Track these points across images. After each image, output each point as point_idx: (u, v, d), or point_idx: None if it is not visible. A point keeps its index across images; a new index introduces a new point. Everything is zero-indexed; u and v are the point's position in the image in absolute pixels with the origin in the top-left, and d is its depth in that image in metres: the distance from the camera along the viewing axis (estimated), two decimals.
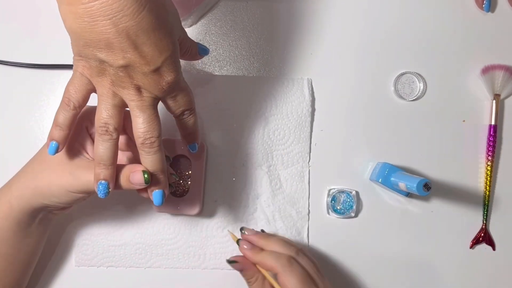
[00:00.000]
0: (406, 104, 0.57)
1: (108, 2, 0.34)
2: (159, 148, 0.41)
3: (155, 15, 0.36)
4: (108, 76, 0.38)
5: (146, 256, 0.55)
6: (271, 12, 0.57)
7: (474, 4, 0.58)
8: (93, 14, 0.34)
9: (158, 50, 0.37)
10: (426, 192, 0.47)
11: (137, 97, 0.39)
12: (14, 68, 0.56)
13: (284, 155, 0.55)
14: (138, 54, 0.36)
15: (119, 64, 0.37)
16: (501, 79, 0.56)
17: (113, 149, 0.40)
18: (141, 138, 0.40)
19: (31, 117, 0.56)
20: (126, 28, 0.35)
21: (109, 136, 0.40)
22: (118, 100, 0.40)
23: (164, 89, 0.39)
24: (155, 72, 0.38)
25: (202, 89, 0.56)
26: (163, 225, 0.55)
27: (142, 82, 0.38)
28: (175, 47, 0.39)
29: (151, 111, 0.40)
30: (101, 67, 0.38)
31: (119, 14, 0.34)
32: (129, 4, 0.34)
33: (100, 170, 0.40)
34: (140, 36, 0.36)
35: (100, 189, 0.41)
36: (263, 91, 0.56)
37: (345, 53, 0.57)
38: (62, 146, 0.42)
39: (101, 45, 0.36)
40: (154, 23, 0.36)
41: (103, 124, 0.40)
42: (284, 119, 0.56)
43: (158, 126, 0.40)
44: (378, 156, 0.57)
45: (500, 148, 0.58)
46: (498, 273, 0.57)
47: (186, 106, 0.43)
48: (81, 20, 0.35)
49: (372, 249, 0.57)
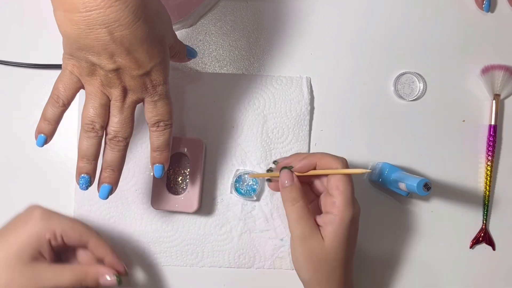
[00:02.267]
0: (406, 104, 0.57)
1: (105, 12, 0.34)
2: (124, 148, 0.43)
3: (149, 25, 0.37)
4: (98, 76, 0.40)
5: (144, 254, 0.55)
6: (271, 12, 0.57)
7: (474, 4, 0.58)
8: (90, 23, 0.35)
9: (149, 56, 0.39)
10: (426, 192, 0.47)
11: (120, 97, 0.41)
12: (14, 68, 0.56)
13: (282, 154, 0.55)
14: (129, 60, 0.38)
15: (110, 68, 0.38)
16: (501, 79, 0.56)
17: (97, 146, 0.43)
18: (111, 135, 0.42)
19: (31, 117, 0.56)
20: (121, 37, 0.36)
21: (95, 133, 0.42)
22: (106, 99, 0.41)
23: (148, 89, 0.41)
24: (143, 75, 0.40)
25: (201, 87, 0.56)
26: (161, 223, 0.55)
27: (129, 83, 0.40)
28: (165, 54, 0.41)
29: (128, 114, 0.42)
30: (91, 68, 0.39)
31: (115, 24, 0.35)
32: (125, 15, 0.35)
33: (83, 165, 0.43)
34: (133, 44, 0.37)
35: (82, 182, 0.43)
36: (261, 89, 0.56)
37: (345, 53, 0.57)
38: (50, 139, 0.43)
39: (94, 50, 0.37)
40: (147, 33, 0.37)
41: (90, 121, 0.42)
42: (282, 118, 0.56)
43: (130, 129, 0.43)
44: (378, 156, 0.57)
45: (500, 148, 0.58)
46: (498, 273, 0.57)
47: (163, 117, 0.44)
48: (77, 27, 0.36)
49: (372, 249, 0.57)
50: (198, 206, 0.53)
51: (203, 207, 0.55)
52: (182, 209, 0.53)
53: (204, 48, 0.57)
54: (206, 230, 0.55)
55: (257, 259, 0.55)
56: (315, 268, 0.45)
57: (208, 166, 0.56)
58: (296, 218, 0.45)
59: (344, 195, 0.44)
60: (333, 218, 0.44)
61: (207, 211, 0.55)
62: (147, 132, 0.54)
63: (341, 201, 0.44)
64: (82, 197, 0.55)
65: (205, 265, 0.55)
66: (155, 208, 0.53)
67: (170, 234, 0.55)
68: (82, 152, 0.42)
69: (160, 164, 0.46)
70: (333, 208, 0.44)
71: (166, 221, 0.55)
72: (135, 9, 0.35)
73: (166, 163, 0.46)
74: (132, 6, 0.35)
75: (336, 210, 0.44)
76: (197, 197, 0.53)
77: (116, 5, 0.34)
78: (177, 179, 0.55)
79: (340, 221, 0.44)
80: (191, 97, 0.56)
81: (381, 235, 0.57)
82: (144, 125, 0.53)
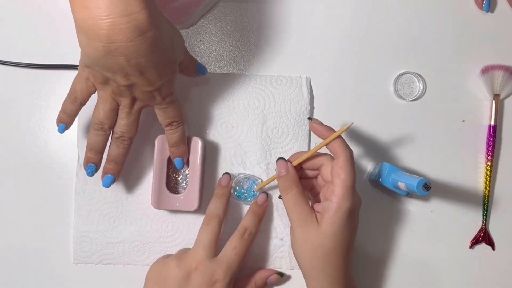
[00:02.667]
0: (406, 104, 0.57)
1: (126, 45, 0.38)
2: (128, 145, 0.49)
3: (163, 52, 0.41)
4: (110, 87, 0.45)
5: (145, 254, 0.55)
6: (271, 12, 0.57)
7: (474, 4, 0.58)
8: (110, 51, 0.38)
9: (159, 76, 0.43)
10: (426, 192, 0.47)
11: (129, 105, 0.46)
12: (14, 68, 0.56)
13: (282, 153, 0.55)
14: (142, 79, 0.42)
15: (123, 83, 0.43)
16: (500, 79, 0.56)
17: (104, 141, 0.49)
18: (118, 135, 0.48)
19: (31, 117, 0.56)
20: (137, 63, 0.40)
21: (103, 132, 0.48)
22: (115, 105, 0.47)
23: (157, 100, 0.46)
24: (153, 91, 0.44)
25: (200, 87, 0.56)
26: (162, 222, 0.55)
27: (139, 96, 0.45)
28: (175, 72, 0.45)
29: (134, 118, 0.48)
30: (105, 79, 0.43)
31: (133, 54, 0.39)
32: (143, 47, 0.39)
33: (91, 155, 0.49)
34: (147, 67, 0.41)
35: (89, 170, 0.49)
36: (261, 89, 0.56)
37: (345, 53, 0.57)
38: (68, 128, 0.49)
39: (111, 70, 0.41)
40: (161, 58, 0.42)
41: (99, 122, 0.47)
42: (282, 117, 0.56)
43: (135, 131, 0.49)
44: (378, 156, 0.57)
45: (499, 148, 0.58)
46: (498, 273, 0.57)
47: (174, 118, 0.49)
48: (97, 51, 0.39)
49: (371, 249, 0.57)
50: (198, 204, 0.53)
51: (204, 207, 0.55)
52: (183, 208, 0.53)
53: (204, 48, 0.57)
54: None
55: (257, 259, 0.55)
56: (312, 255, 0.46)
57: (208, 166, 0.56)
58: (292, 205, 0.47)
59: (344, 183, 0.45)
60: (331, 205, 0.45)
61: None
62: (148, 133, 0.54)
63: (340, 189, 0.45)
64: (82, 197, 0.55)
65: None
66: (155, 208, 0.53)
67: (171, 234, 0.55)
68: (91, 145, 0.48)
69: (179, 157, 0.52)
70: (332, 195, 0.45)
71: (166, 221, 0.55)
72: (152, 42, 0.39)
73: (185, 156, 0.52)
74: (150, 40, 0.39)
75: (335, 198, 0.45)
76: (197, 195, 0.53)
77: (136, 40, 0.38)
78: (177, 179, 0.55)
79: (337, 208, 0.45)
80: (191, 97, 0.56)
81: (381, 235, 0.57)
82: (145, 126, 0.53)
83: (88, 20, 0.37)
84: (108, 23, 0.37)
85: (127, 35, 0.37)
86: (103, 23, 0.37)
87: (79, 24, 0.38)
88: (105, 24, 0.37)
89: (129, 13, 0.37)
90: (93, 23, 0.37)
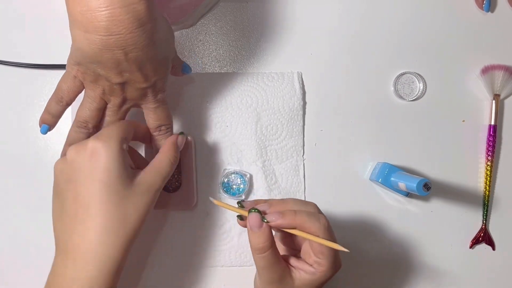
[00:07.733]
0: (405, 104, 0.57)
1: (125, 37, 0.37)
2: None
3: (159, 46, 0.41)
4: (101, 85, 0.43)
5: (144, 254, 0.55)
6: (271, 12, 0.57)
7: (474, 4, 0.58)
8: (108, 45, 0.38)
9: (154, 71, 0.42)
10: (426, 192, 0.47)
11: (118, 105, 0.45)
12: (14, 68, 0.56)
13: (278, 150, 0.56)
14: (137, 75, 0.41)
15: (116, 81, 0.42)
16: (500, 79, 0.56)
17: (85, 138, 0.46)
18: None
19: (31, 117, 0.56)
20: (134, 57, 0.39)
21: (86, 130, 0.46)
22: (103, 104, 0.45)
23: (148, 97, 0.45)
24: (147, 87, 0.44)
25: (192, 87, 0.56)
26: (160, 223, 0.55)
27: (131, 94, 0.44)
28: (168, 69, 0.45)
29: (121, 117, 0.47)
30: (96, 77, 0.42)
31: (131, 47, 0.38)
32: (141, 39, 0.38)
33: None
34: (144, 62, 0.40)
35: None
36: (253, 87, 0.56)
37: (345, 53, 0.57)
38: (52, 129, 0.47)
39: (106, 66, 0.40)
40: (158, 53, 0.41)
41: (84, 121, 0.46)
42: (276, 114, 0.56)
43: None
44: (378, 156, 0.57)
45: (499, 148, 0.58)
46: (498, 273, 0.57)
47: (163, 121, 0.48)
48: (94, 46, 0.38)
49: (371, 249, 0.57)
50: (195, 201, 0.53)
51: (201, 207, 0.55)
52: (180, 206, 0.53)
53: (204, 48, 0.57)
54: (205, 230, 0.55)
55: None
56: None
57: (204, 166, 0.55)
58: (264, 266, 0.42)
59: (328, 259, 0.41)
60: (314, 272, 0.42)
61: (206, 211, 0.55)
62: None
63: (326, 264, 0.41)
64: None
65: (205, 265, 0.55)
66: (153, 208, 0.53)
67: (170, 234, 0.55)
68: (70, 141, 0.46)
69: None
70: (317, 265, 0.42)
71: (165, 221, 0.55)
72: (150, 34, 0.38)
73: None
74: (148, 32, 0.38)
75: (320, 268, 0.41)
76: (193, 192, 0.53)
77: (135, 31, 0.37)
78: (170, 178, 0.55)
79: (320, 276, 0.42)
80: (183, 98, 0.56)
81: (381, 235, 0.57)
82: None
83: (86, 13, 0.36)
84: (107, 14, 0.36)
85: (126, 26, 0.37)
86: (102, 14, 0.36)
87: (76, 18, 0.37)
88: (104, 16, 0.36)
89: (128, 4, 0.36)
90: (91, 15, 0.36)
